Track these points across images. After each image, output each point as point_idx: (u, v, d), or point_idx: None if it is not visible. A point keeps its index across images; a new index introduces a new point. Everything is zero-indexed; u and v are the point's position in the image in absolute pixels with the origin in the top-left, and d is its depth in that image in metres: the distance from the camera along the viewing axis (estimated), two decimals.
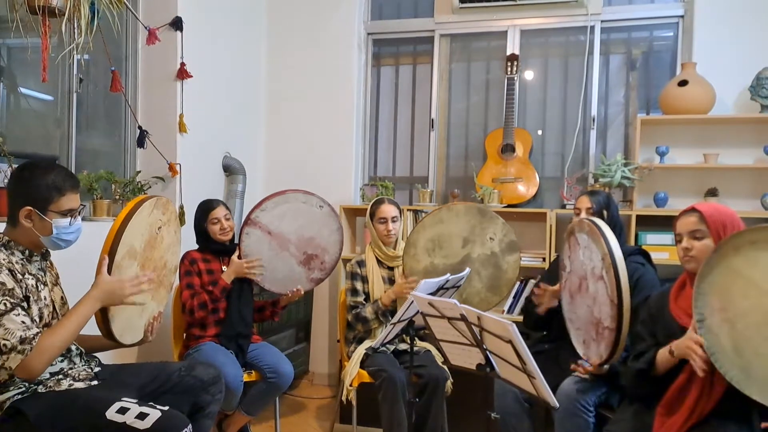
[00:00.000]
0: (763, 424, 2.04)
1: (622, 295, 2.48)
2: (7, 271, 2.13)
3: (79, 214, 2.33)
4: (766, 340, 2.04)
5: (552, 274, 3.36)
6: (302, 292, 3.59)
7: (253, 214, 3.51)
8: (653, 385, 2.42)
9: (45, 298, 2.29)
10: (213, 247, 3.54)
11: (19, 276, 2.17)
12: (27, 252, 2.28)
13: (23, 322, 2.09)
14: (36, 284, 2.26)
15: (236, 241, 3.62)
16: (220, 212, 3.50)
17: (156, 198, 2.61)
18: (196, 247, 3.58)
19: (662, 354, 2.37)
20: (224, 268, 3.50)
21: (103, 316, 2.38)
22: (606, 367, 2.69)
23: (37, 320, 2.21)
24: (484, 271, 3.49)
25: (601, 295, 2.61)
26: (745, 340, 2.08)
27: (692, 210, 2.43)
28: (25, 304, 2.16)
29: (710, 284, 2.17)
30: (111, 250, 2.34)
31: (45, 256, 2.40)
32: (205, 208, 3.53)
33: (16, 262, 2.20)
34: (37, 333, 2.11)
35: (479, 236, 3.49)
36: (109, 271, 2.32)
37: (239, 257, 3.46)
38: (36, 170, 2.24)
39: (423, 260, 3.51)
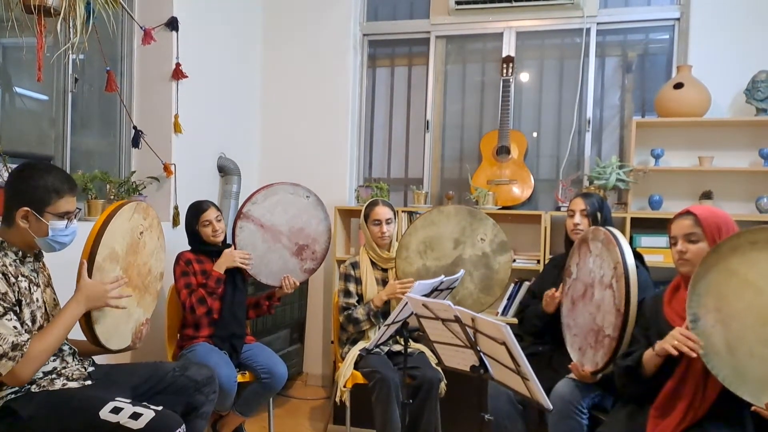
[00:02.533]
0: (753, 408, 2.04)
1: (630, 305, 2.48)
2: (0, 275, 2.12)
3: (75, 217, 2.33)
4: (760, 341, 2.05)
5: (546, 276, 3.37)
6: (296, 283, 3.63)
7: (245, 208, 3.54)
8: (644, 385, 2.42)
9: (38, 300, 2.29)
10: (206, 249, 3.51)
11: (12, 279, 2.17)
12: (20, 253, 2.27)
13: (15, 327, 2.09)
14: (29, 286, 2.25)
15: (228, 240, 3.62)
16: (211, 214, 3.47)
17: (136, 203, 2.62)
18: (188, 248, 3.55)
19: (648, 353, 2.38)
20: None
21: (87, 322, 2.38)
22: (599, 376, 2.70)
23: (29, 324, 2.20)
24: (476, 272, 3.51)
25: (606, 303, 2.62)
26: (738, 340, 2.09)
27: (687, 213, 2.43)
28: (17, 308, 2.16)
29: (706, 284, 2.18)
30: (91, 251, 2.35)
31: (38, 257, 2.39)
32: (196, 211, 3.49)
33: (9, 264, 2.19)
34: (28, 339, 2.11)
35: (470, 237, 3.51)
36: (90, 274, 2.33)
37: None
38: (35, 171, 2.24)
39: (415, 263, 3.52)
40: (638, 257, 3.05)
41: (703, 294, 2.18)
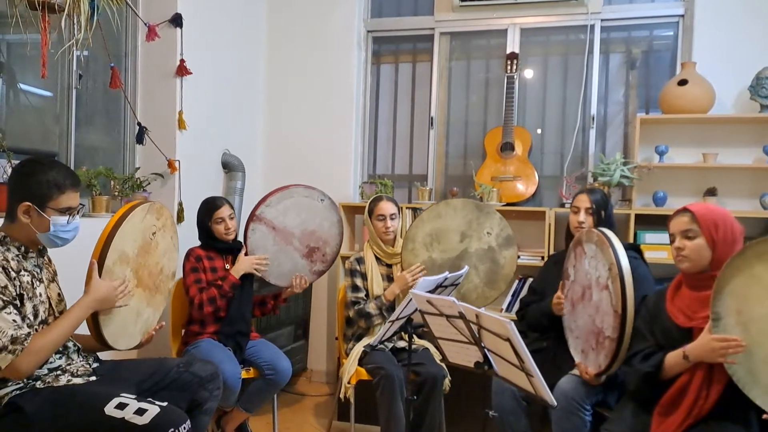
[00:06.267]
0: (765, 416, 2.05)
1: (627, 306, 2.48)
2: (0, 269, 2.13)
3: (77, 213, 2.33)
4: None
5: (546, 273, 3.37)
6: (307, 283, 3.64)
7: (258, 210, 3.52)
8: (661, 389, 2.41)
9: (41, 295, 2.29)
10: (217, 245, 3.51)
11: (13, 274, 2.17)
12: (23, 248, 2.27)
13: (14, 321, 2.09)
14: (31, 281, 2.25)
15: (239, 237, 3.62)
16: (225, 212, 3.47)
17: (149, 204, 2.61)
18: (198, 243, 3.55)
19: (674, 358, 2.35)
20: (227, 266, 3.49)
21: (96, 326, 2.39)
22: (603, 378, 2.69)
23: (31, 318, 2.21)
24: (482, 265, 3.51)
25: (604, 304, 2.61)
26: (756, 345, 2.10)
27: (684, 210, 2.44)
28: (17, 302, 2.16)
29: (731, 286, 2.18)
30: (101, 255, 2.35)
31: (42, 252, 2.39)
32: (210, 207, 3.48)
33: (12, 259, 2.19)
34: (29, 333, 2.11)
35: (476, 231, 3.52)
36: (100, 276, 2.33)
37: (246, 254, 3.48)
38: (37, 166, 2.24)
39: (421, 255, 3.52)
40: (637, 251, 3.06)
41: (727, 295, 2.18)
